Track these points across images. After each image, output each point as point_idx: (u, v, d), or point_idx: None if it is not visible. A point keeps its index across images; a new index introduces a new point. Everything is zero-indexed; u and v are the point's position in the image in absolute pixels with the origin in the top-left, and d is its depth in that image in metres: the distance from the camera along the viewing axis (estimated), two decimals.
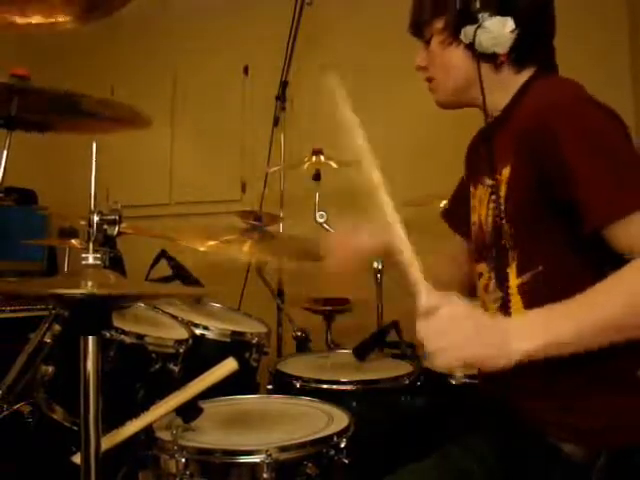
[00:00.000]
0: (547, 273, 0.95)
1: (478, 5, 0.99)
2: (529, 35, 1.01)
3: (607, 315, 0.82)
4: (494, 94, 1.07)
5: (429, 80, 1.13)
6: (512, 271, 0.99)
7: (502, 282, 1.01)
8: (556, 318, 0.84)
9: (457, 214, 1.29)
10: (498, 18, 0.99)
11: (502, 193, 0.99)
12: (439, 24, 1.06)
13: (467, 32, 1.02)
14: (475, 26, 1.00)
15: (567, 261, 0.94)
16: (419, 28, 1.11)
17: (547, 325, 0.83)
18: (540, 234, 0.95)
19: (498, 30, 0.99)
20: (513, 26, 0.99)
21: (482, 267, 1.09)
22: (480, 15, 0.99)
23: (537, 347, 0.81)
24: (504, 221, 0.99)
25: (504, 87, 1.06)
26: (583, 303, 0.83)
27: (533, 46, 1.04)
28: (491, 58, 1.03)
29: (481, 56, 1.03)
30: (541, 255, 0.96)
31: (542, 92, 0.98)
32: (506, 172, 0.99)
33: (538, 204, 0.94)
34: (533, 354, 0.81)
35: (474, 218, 1.12)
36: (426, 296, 0.81)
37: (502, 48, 1.01)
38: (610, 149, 0.89)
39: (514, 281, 0.99)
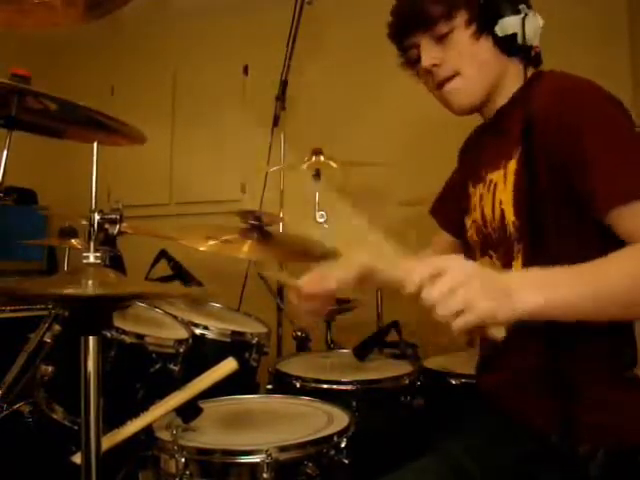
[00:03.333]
0: (555, 265, 0.94)
1: None
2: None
3: (613, 284, 0.81)
4: (504, 87, 1.07)
5: (448, 80, 1.05)
6: (517, 264, 0.99)
7: None
8: (560, 277, 0.83)
9: (447, 212, 1.30)
10: (531, 11, 1.00)
11: (509, 185, 0.99)
12: (464, 16, 1.02)
13: (507, 23, 0.99)
14: (520, 17, 0.98)
15: (574, 253, 0.93)
16: (429, 23, 1.03)
17: (550, 282, 0.82)
18: (546, 226, 0.95)
19: (537, 22, 1.00)
20: (542, 20, 1.00)
21: (485, 262, 1.09)
22: (521, 6, 0.99)
23: (539, 302, 0.79)
24: (510, 213, 0.99)
25: (513, 80, 1.06)
26: (589, 269, 0.82)
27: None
28: (525, 51, 1.01)
29: (518, 49, 1.01)
30: (548, 246, 0.95)
31: (555, 84, 0.98)
32: (512, 164, 0.99)
33: (546, 195, 0.94)
34: (535, 309, 0.79)
35: (475, 216, 1.12)
36: (428, 263, 0.79)
37: (538, 40, 1.02)
38: (623, 136, 0.90)
39: None
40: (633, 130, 0.92)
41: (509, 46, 1.02)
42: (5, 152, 1.23)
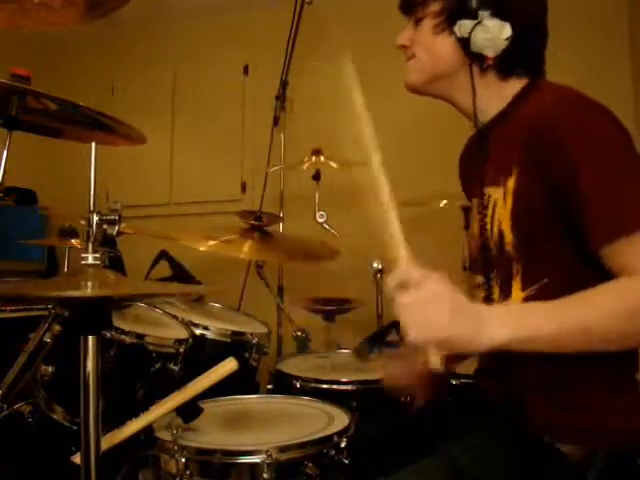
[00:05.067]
0: (553, 285, 0.93)
1: (480, 1, 0.98)
2: (519, 45, 1.00)
3: (589, 320, 0.81)
4: (465, 86, 1.06)
5: (409, 59, 1.11)
6: (516, 283, 0.98)
7: (506, 294, 0.99)
8: (535, 313, 0.83)
9: None
10: (497, 21, 0.97)
11: (508, 204, 0.96)
12: (435, 7, 1.04)
13: (463, 26, 1.00)
14: (474, 22, 0.98)
15: (574, 273, 0.92)
16: (412, 6, 1.08)
17: (524, 318, 0.83)
18: (546, 246, 0.94)
19: (496, 33, 0.98)
20: (510, 33, 0.98)
21: (481, 279, 1.07)
22: (480, 12, 0.98)
23: (509, 337, 0.80)
24: (509, 233, 0.97)
25: (488, 91, 1.04)
26: (568, 305, 0.82)
27: (521, 56, 1.02)
28: (478, 59, 1.02)
29: (470, 54, 1.01)
30: (547, 267, 0.94)
31: (547, 100, 0.96)
32: (511, 183, 0.96)
33: (545, 215, 0.93)
34: (505, 344, 0.80)
35: (474, 229, 1.10)
36: (409, 269, 0.81)
37: (493, 52, 0.99)
38: (618, 162, 0.88)
39: (518, 294, 0.97)
40: (627, 147, 0.89)
41: (462, 48, 1.02)
42: (5, 152, 1.23)
